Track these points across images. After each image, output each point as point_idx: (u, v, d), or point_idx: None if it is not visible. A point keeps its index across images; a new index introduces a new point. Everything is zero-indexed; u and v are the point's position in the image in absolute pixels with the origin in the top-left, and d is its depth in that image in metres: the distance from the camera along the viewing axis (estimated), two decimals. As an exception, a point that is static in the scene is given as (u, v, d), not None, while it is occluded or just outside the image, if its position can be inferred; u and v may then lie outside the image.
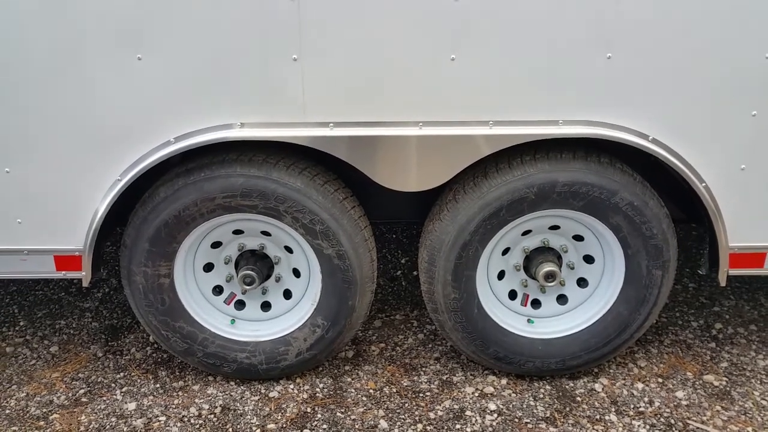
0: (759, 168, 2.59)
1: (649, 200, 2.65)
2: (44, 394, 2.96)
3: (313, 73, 2.42)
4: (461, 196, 2.67)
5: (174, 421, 2.78)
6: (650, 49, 2.39)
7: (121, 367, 3.15)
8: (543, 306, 2.97)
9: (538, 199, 2.61)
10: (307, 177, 2.64)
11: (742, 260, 2.74)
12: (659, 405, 2.85)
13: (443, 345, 3.27)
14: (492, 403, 2.86)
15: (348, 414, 2.81)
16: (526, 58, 2.40)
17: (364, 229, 2.78)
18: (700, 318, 3.52)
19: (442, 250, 2.72)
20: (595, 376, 3.03)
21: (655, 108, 2.48)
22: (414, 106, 2.48)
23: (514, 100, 2.47)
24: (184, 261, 2.81)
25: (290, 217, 2.64)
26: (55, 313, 3.64)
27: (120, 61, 2.38)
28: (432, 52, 2.39)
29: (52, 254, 2.71)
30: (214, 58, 2.39)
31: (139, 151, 2.52)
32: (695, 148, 2.54)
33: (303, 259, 2.86)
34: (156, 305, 2.81)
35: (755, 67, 2.42)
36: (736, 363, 3.14)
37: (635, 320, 2.85)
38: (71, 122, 2.47)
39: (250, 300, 2.96)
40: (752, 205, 2.65)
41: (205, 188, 2.59)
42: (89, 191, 2.59)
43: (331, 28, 2.36)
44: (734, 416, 2.79)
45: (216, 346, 2.90)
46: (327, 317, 2.84)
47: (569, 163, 2.59)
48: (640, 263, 2.74)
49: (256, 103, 2.47)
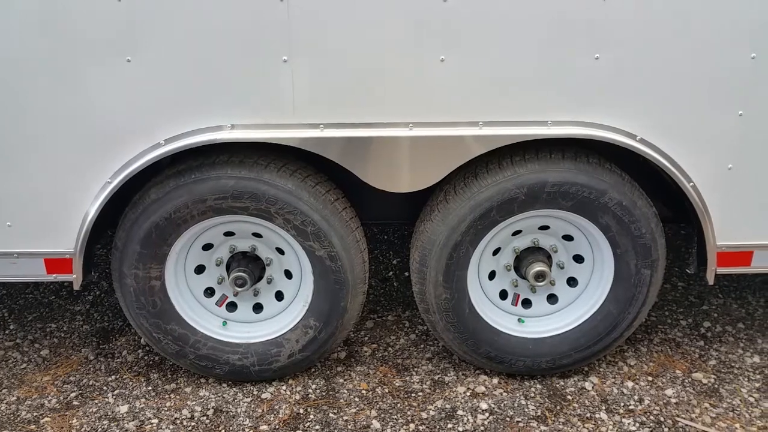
0: (746, 167, 2.61)
1: (638, 200, 2.67)
2: (35, 398, 2.95)
3: (303, 75, 2.42)
4: (452, 197, 2.68)
5: (166, 424, 2.77)
6: (638, 50, 2.42)
7: (112, 370, 3.14)
8: (533, 305, 2.99)
9: (528, 200, 2.63)
10: (298, 178, 2.65)
11: (730, 259, 2.77)
12: (649, 403, 2.87)
13: (435, 345, 3.28)
14: (483, 402, 2.87)
15: (340, 415, 2.82)
16: (515, 59, 2.42)
17: (355, 230, 2.79)
18: (688, 316, 3.55)
19: (433, 251, 2.73)
20: (585, 375, 3.05)
21: (643, 108, 2.51)
22: (404, 107, 2.49)
23: (504, 101, 2.49)
24: (175, 263, 2.81)
25: (281, 218, 2.65)
26: (46, 317, 3.62)
27: (109, 63, 2.38)
28: (422, 53, 2.41)
29: (43, 257, 2.69)
30: (204, 60, 2.40)
31: (129, 154, 2.51)
32: (683, 147, 2.57)
33: (295, 261, 2.86)
34: (147, 308, 2.80)
35: (742, 67, 2.45)
36: (724, 361, 3.17)
37: (625, 319, 2.87)
38: (61, 124, 2.47)
39: (241, 302, 2.95)
40: (739, 204, 2.68)
41: (195, 190, 2.59)
42: (79, 194, 2.58)
43: (320, 29, 2.37)
44: (722, 413, 2.82)
45: (208, 348, 2.90)
46: (319, 318, 2.84)
47: (558, 163, 2.61)
48: (629, 262, 2.76)
49: (246, 105, 2.47)
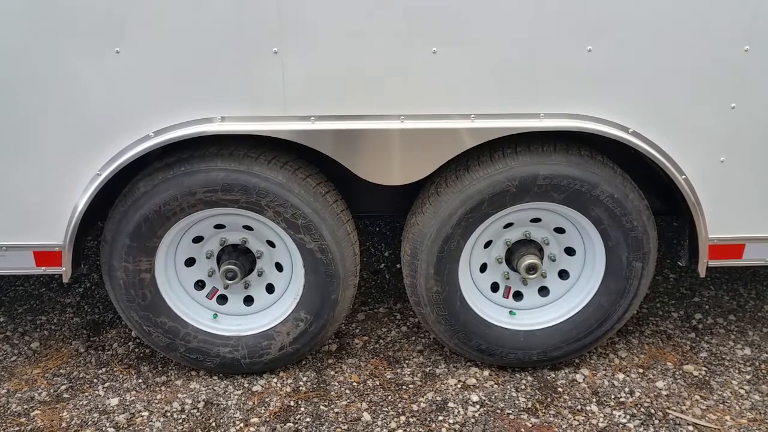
0: (738, 160, 2.61)
1: (630, 193, 2.67)
2: (25, 391, 2.94)
3: (293, 67, 2.41)
4: (443, 189, 2.67)
5: (157, 416, 2.77)
6: (630, 42, 2.41)
7: (103, 362, 3.13)
8: (525, 298, 2.99)
9: (520, 192, 2.62)
10: (289, 171, 2.63)
11: (722, 251, 2.77)
12: (639, 395, 2.88)
13: (426, 337, 3.28)
14: (474, 394, 2.87)
15: (331, 407, 2.81)
16: (507, 51, 2.41)
17: (346, 222, 2.78)
18: (680, 309, 3.56)
19: (424, 244, 2.72)
20: (576, 367, 3.05)
21: (636, 101, 2.50)
22: (396, 100, 2.48)
23: (496, 93, 2.48)
24: (165, 256, 2.79)
25: (272, 211, 2.63)
26: (36, 309, 3.60)
27: (98, 54, 2.36)
28: (413, 45, 2.39)
29: (32, 250, 2.68)
30: (194, 51, 2.37)
31: (119, 146, 2.49)
32: (675, 140, 2.57)
33: (285, 254, 2.85)
34: (137, 300, 2.79)
35: (734, 59, 2.44)
36: (715, 353, 3.18)
37: (616, 311, 2.88)
38: (50, 117, 2.45)
39: (232, 294, 2.94)
40: (731, 196, 2.68)
41: (185, 183, 2.57)
42: (68, 186, 2.56)
43: (311, 20, 2.35)
44: (713, 405, 2.83)
45: (198, 341, 2.89)
46: (310, 311, 2.84)
47: (550, 156, 2.60)
48: (621, 255, 2.76)
49: (236, 97, 2.45)
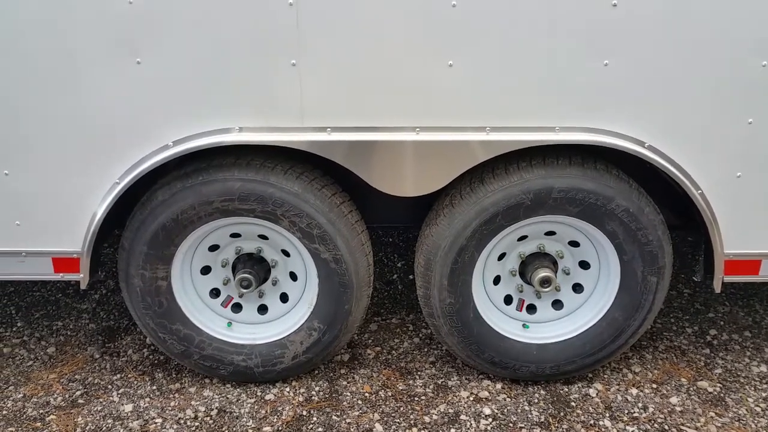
0: (755, 175, 2.60)
1: (645, 207, 2.66)
2: (41, 396, 2.97)
3: (311, 78, 2.43)
4: (458, 201, 2.68)
5: (170, 423, 2.78)
6: (647, 57, 2.40)
7: (117, 368, 3.16)
8: (538, 311, 2.98)
9: (534, 205, 2.62)
10: (305, 181, 2.65)
11: (738, 267, 2.75)
12: (653, 411, 2.86)
13: (439, 349, 3.28)
14: (487, 407, 2.86)
15: (343, 417, 2.82)
16: (523, 64, 2.41)
17: (360, 233, 2.79)
18: (694, 324, 3.53)
19: (438, 255, 2.73)
20: (589, 381, 3.04)
21: (652, 115, 2.49)
22: (411, 112, 2.49)
23: (511, 107, 2.48)
24: (182, 264, 2.82)
25: (287, 221, 2.65)
26: (53, 315, 3.64)
27: (119, 64, 2.40)
28: (430, 58, 2.41)
29: (50, 256, 2.71)
30: (213, 62, 2.40)
31: (138, 155, 2.53)
32: (691, 155, 2.56)
33: (300, 263, 2.87)
34: (153, 308, 2.81)
35: (752, 74, 2.43)
36: (730, 369, 3.15)
37: (630, 326, 2.86)
38: (70, 125, 2.49)
39: (246, 303, 2.96)
40: (748, 212, 2.66)
41: (203, 192, 2.60)
42: (88, 194, 2.59)
43: (329, 33, 2.37)
44: (728, 423, 2.80)
45: (212, 348, 2.91)
46: (323, 321, 2.85)
47: (565, 169, 2.60)
48: (636, 269, 2.75)
49: (254, 108, 2.48)
